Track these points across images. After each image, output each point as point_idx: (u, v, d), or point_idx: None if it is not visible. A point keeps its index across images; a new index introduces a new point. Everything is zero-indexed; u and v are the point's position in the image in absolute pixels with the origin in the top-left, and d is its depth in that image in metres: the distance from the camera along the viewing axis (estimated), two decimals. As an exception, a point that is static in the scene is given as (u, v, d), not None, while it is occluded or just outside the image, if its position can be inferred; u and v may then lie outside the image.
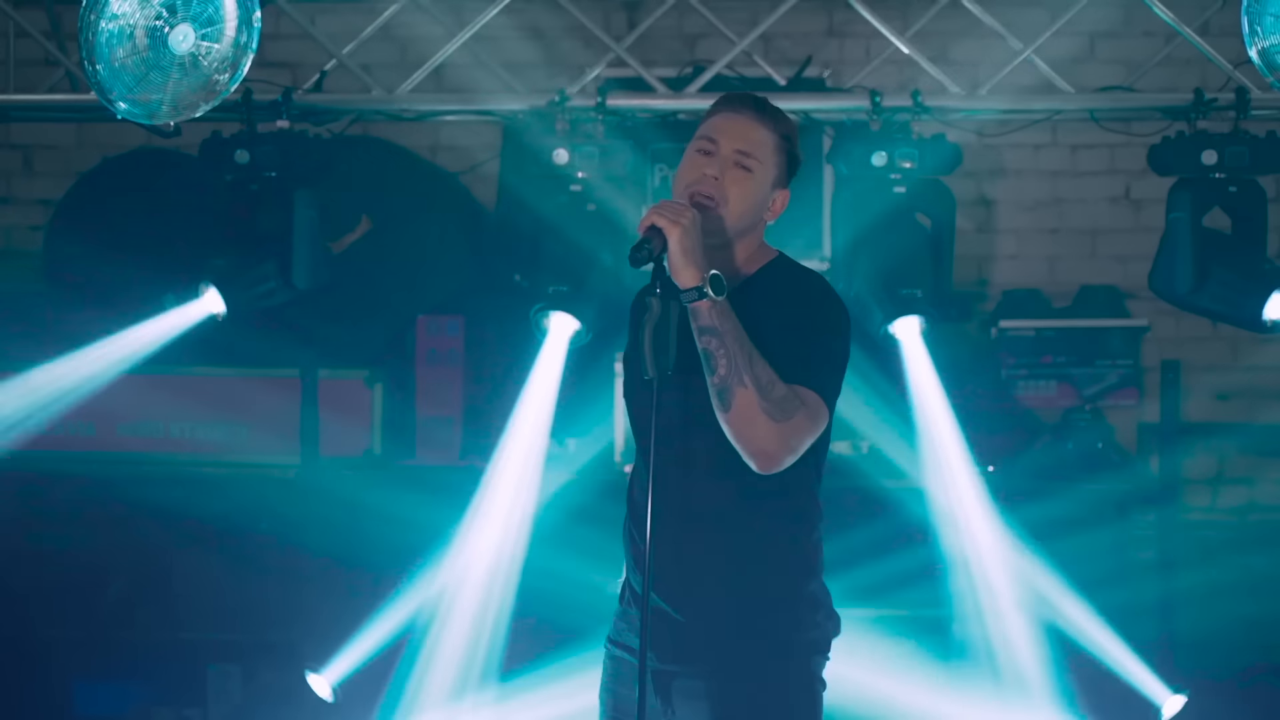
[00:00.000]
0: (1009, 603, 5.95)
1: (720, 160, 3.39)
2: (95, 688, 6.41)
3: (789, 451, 3.23)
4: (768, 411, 3.17)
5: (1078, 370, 6.54)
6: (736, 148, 3.40)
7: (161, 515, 6.23)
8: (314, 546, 6.03)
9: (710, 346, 3.18)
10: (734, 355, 3.17)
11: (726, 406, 3.18)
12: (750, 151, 3.40)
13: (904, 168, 5.49)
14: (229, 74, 4.45)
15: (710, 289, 3.19)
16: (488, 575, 5.82)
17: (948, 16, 5.66)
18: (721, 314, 3.19)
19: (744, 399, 3.16)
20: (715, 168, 3.38)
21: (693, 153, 3.42)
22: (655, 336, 3.18)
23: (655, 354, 3.18)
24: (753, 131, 3.42)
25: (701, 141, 3.42)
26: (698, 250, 3.22)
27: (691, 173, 3.39)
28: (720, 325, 3.18)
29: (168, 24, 4.38)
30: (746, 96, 3.49)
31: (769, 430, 3.18)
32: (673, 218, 3.22)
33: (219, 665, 6.39)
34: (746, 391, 3.16)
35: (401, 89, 5.62)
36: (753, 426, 3.18)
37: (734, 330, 3.18)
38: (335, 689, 5.88)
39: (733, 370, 3.16)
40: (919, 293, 5.58)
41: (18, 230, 7.16)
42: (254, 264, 5.52)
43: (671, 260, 3.21)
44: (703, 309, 3.19)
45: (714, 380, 3.18)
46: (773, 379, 3.19)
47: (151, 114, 4.47)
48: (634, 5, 6.77)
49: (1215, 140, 5.36)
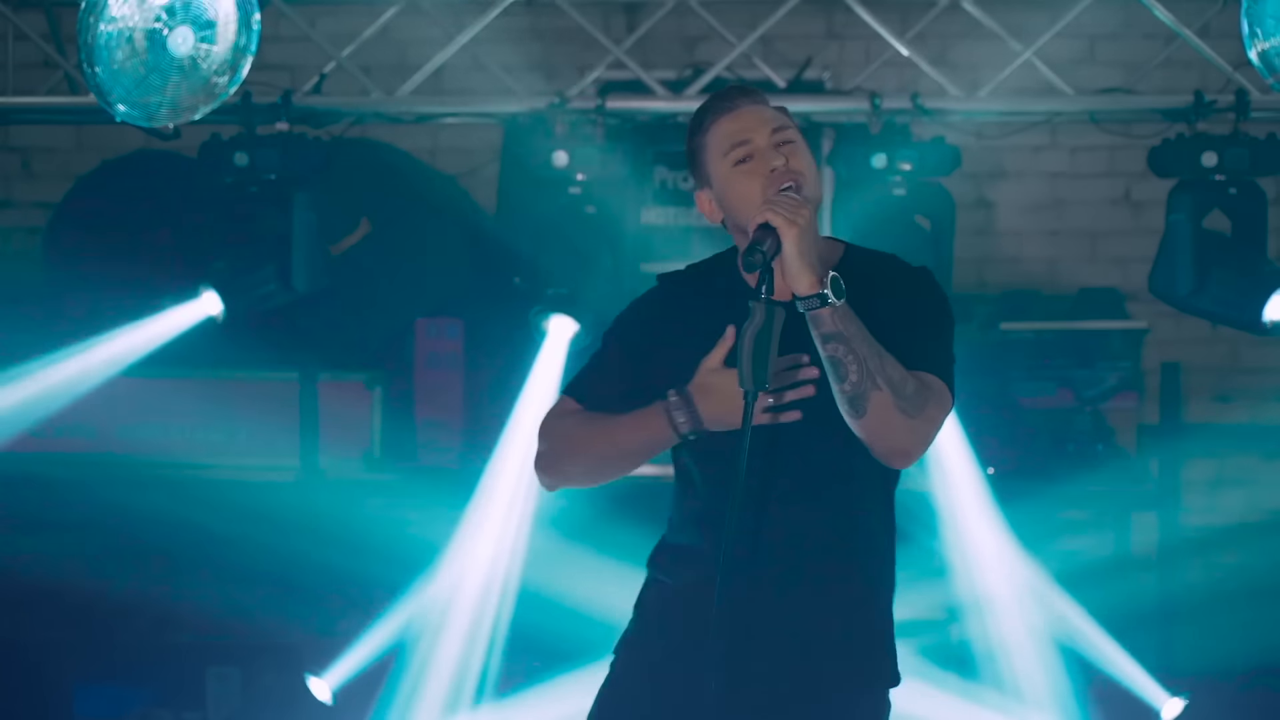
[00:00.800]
0: (1008, 605, 5.95)
1: (767, 152, 3.10)
2: (95, 690, 6.40)
3: (925, 445, 3.04)
4: (903, 410, 2.95)
5: (1077, 372, 6.53)
6: (770, 130, 3.12)
7: (161, 518, 6.23)
8: (314, 549, 6.03)
9: (838, 354, 2.93)
10: (865, 359, 2.92)
11: (861, 413, 2.95)
12: (781, 125, 3.14)
13: (903, 170, 5.49)
14: (228, 76, 4.45)
15: (832, 293, 2.92)
16: (487, 578, 5.82)
17: (947, 19, 5.66)
18: (845, 318, 2.92)
19: (880, 402, 2.94)
20: (777, 157, 3.09)
21: (737, 170, 3.11)
22: (756, 346, 2.89)
23: (755, 366, 2.89)
24: (764, 112, 3.18)
25: (736, 151, 3.11)
26: (814, 251, 2.95)
27: (754, 179, 3.08)
28: (846, 330, 2.92)
29: (167, 26, 4.37)
30: (731, 93, 3.20)
31: (906, 429, 2.97)
32: (790, 215, 2.94)
33: (218, 668, 6.38)
34: (882, 394, 2.93)
35: (401, 91, 5.62)
36: (890, 428, 2.97)
37: (860, 332, 2.93)
38: (335, 692, 5.88)
39: (865, 375, 2.93)
40: (919, 295, 5.58)
41: (17, 233, 7.16)
42: (253, 266, 5.52)
43: (788, 264, 2.92)
44: (825, 315, 2.92)
45: (844, 388, 2.94)
46: (904, 375, 2.96)
47: (150, 116, 4.47)
48: (634, 8, 6.76)
49: (1215, 142, 5.36)
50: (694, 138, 3.19)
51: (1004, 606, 5.96)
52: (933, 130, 5.66)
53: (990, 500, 5.95)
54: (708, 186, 3.17)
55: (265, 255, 5.50)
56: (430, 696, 5.82)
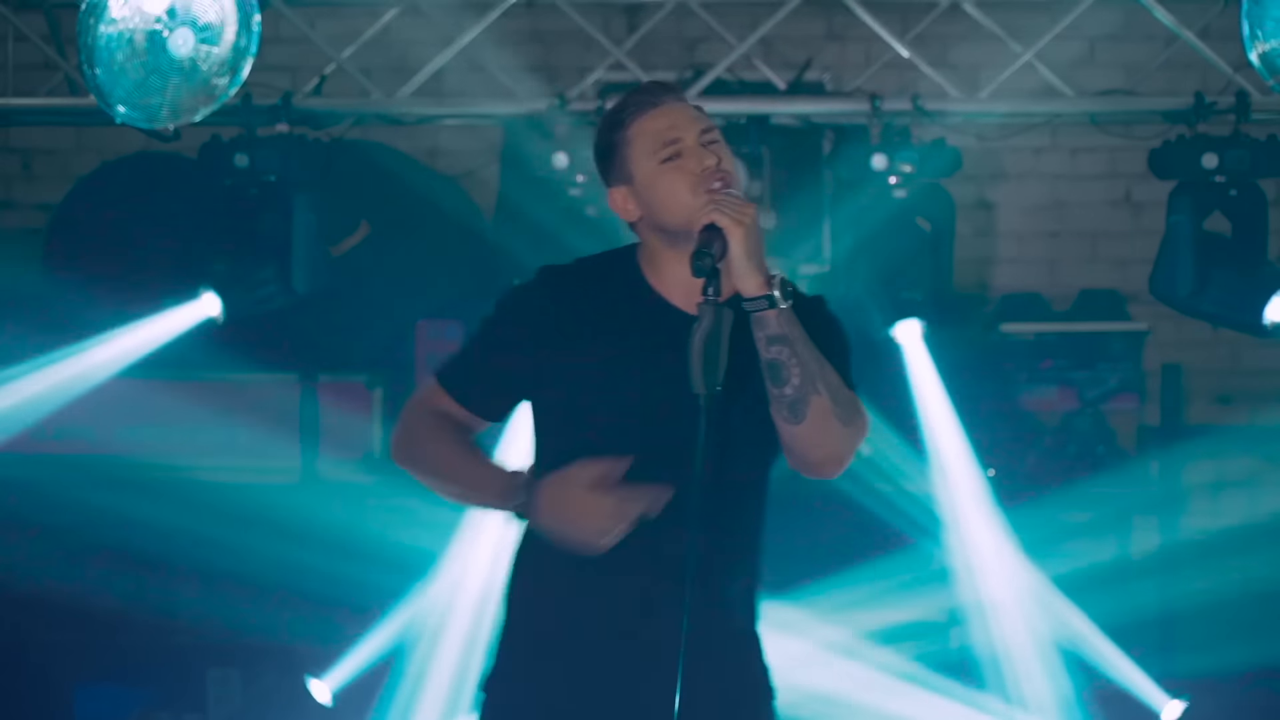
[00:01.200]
0: (1009, 608, 5.95)
1: (697, 150, 3.01)
2: (96, 692, 6.41)
3: (854, 453, 2.99)
4: (840, 417, 2.91)
5: (1078, 374, 6.54)
6: (699, 130, 3.03)
7: (161, 519, 6.22)
8: (314, 550, 6.03)
9: (782, 357, 2.88)
10: (806, 363, 2.88)
11: (800, 418, 2.90)
12: (708, 126, 3.05)
13: (904, 171, 5.49)
14: (228, 78, 4.45)
15: (780, 294, 2.88)
16: (486, 580, 5.81)
17: (948, 20, 5.66)
18: (790, 320, 2.88)
19: (819, 408, 2.89)
20: (708, 157, 3.01)
21: (665, 168, 3.02)
22: (707, 349, 2.82)
23: (706, 369, 2.82)
24: (690, 110, 3.07)
25: (664, 149, 3.02)
26: (760, 251, 2.89)
27: (685, 177, 3.00)
28: (791, 333, 2.88)
29: (167, 28, 4.37)
30: (655, 89, 3.10)
31: (842, 435, 2.93)
32: (736, 215, 2.87)
33: (219, 670, 6.38)
34: (821, 400, 2.89)
35: (401, 93, 5.62)
36: (827, 434, 2.92)
37: (803, 336, 2.89)
38: (335, 694, 5.88)
39: (807, 379, 2.88)
40: (919, 296, 5.59)
41: (17, 234, 7.16)
42: (253, 268, 5.52)
43: (735, 265, 2.86)
44: (771, 317, 2.87)
45: (785, 391, 2.89)
46: (840, 383, 2.93)
47: (151, 118, 4.47)
48: (634, 9, 6.76)
49: (1216, 144, 5.36)
50: (612, 133, 3.08)
51: (1005, 610, 5.96)
52: (933, 132, 5.65)
53: (991, 502, 5.95)
54: (625, 184, 3.06)
55: (265, 257, 5.50)
56: (429, 699, 5.82)
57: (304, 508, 6.08)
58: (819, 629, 5.87)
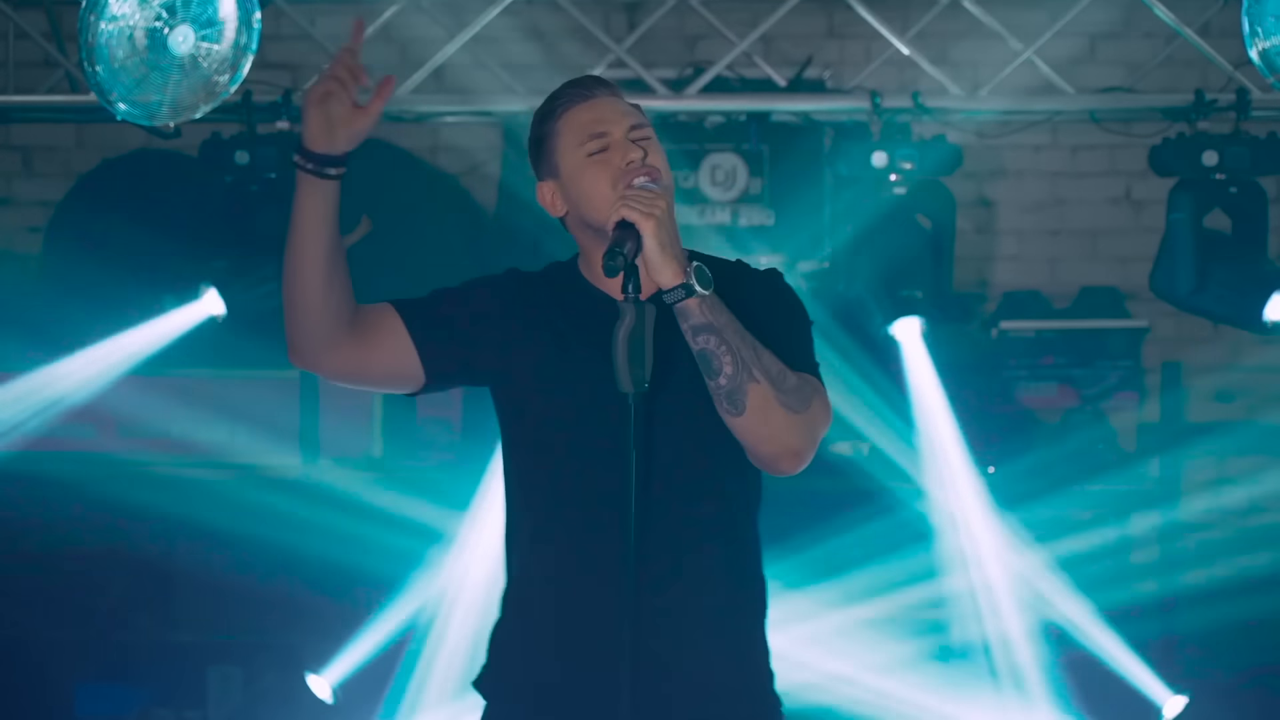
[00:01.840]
0: (1009, 603, 5.95)
1: (624, 144, 2.96)
2: (96, 689, 6.41)
3: (813, 444, 2.87)
4: (786, 404, 2.81)
5: (1078, 371, 6.53)
6: (628, 126, 2.98)
7: (162, 517, 6.23)
8: (314, 548, 6.03)
9: (710, 346, 2.79)
10: (738, 349, 2.79)
11: (740, 408, 2.81)
12: (639, 122, 3.00)
13: (904, 169, 5.48)
14: (229, 75, 4.45)
15: (698, 283, 2.80)
16: (487, 577, 5.82)
17: (948, 17, 5.66)
18: (714, 307, 2.79)
19: (758, 395, 2.80)
20: (634, 151, 2.95)
21: (590, 161, 2.97)
22: (632, 347, 2.76)
23: (633, 367, 2.76)
24: (621, 104, 3.01)
25: (591, 143, 2.97)
26: (676, 241, 2.81)
27: (609, 171, 2.94)
28: (716, 320, 2.79)
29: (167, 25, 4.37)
30: (587, 81, 3.05)
31: (791, 425, 2.83)
32: (645, 209, 2.79)
33: (219, 667, 6.38)
34: (760, 387, 2.80)
35: (401, 90, 5.62)
36: (772, 425, 2.82)
37: (731, 323, 2.80)
38: (335, 690, 5.88)
39: (740, 367, 2.79)
40: (919, 294, 5.58)
41: (17, 232, 7.16)
42: (254, 265, 5.52)
43: (649, 257, 2.79)
44: (693, 307, 2.79)
45: (720, 382, 2.80)
46: (782, 368, 2.82)
47: (151, 115, 4.47)
48: (634, 6, 6.76)
49: (1216, 141, 5.36)
50: (543, 124, 3.03)
51: (1004, 606, 5.96)
52: (933, 129, 5.66)
53: (990, 499, 5.96)
54: (553, 178, 3.02)
55: (266, 254, 5.49)
56: (431, 695, 5.83)
57: (304, 506, 6.08)
58: (817, 618, 5.88)
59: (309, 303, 3.02)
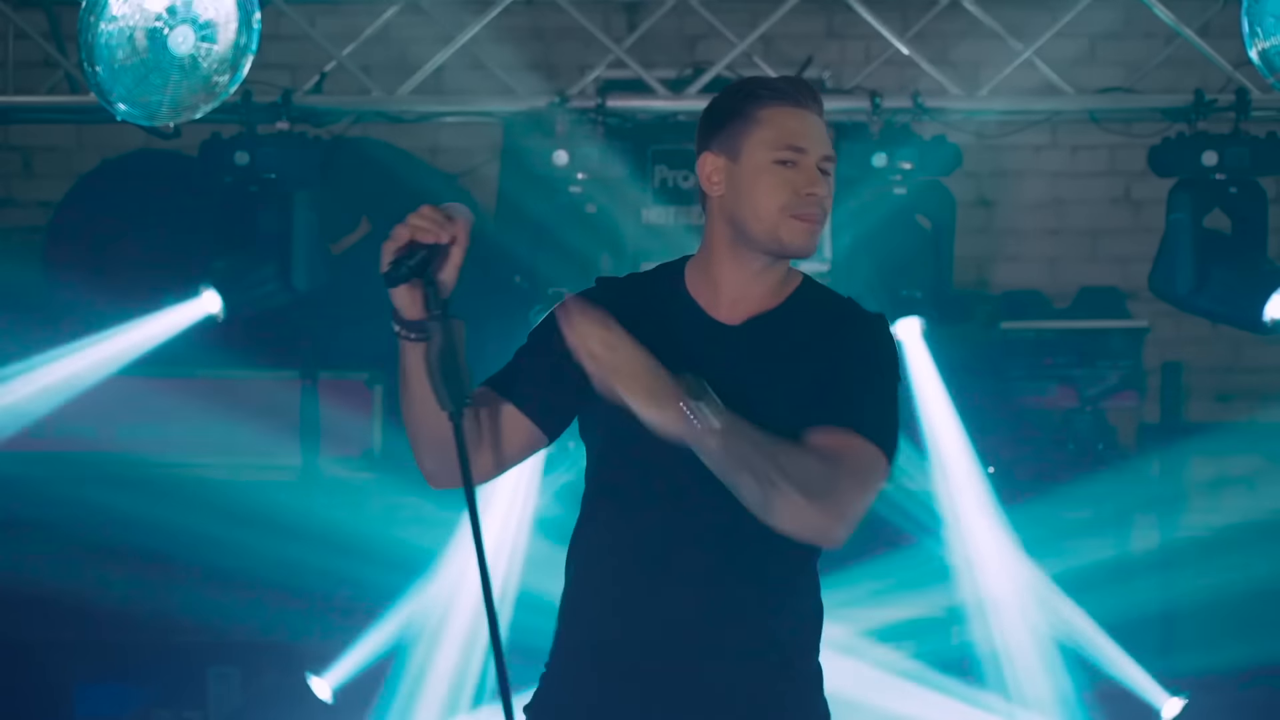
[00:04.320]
0: (1009, 605, 5.95)
1: (813, 171, 2.86)
2: (95, 690, 6.40)
3: (850, 520, 2.74)
4: (811, 497, 2.67)
5: (1078, 371, 6.53)
6: (824, 154, 2.88)
7: (161, 517, 6.22)
8: (314, 548, 6.03)
9: (730, 472, 2.67)
10: (757, 469, 2.65)
11: (769, 514, 2.68)
12: (831, 155, 2.89)
13: (904, 169, 5.49)
14: (228, 75, 4.46)
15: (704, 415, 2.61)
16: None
17: (948, 18, 5.66)
18: (728, 433, 2.63)
19: (786, 500, 2.67)
20: (820, 186, 2.85)
21: (776, 168, 2.85)
22: (444, 366, 2.68)
23: (449, 387, 2.69)
24: (824, 128, 2.90)
25: (786, 152, 2.85)
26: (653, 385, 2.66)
27: (788, 189, 2.85)
28: (730, 447, 2.64)
29: (167, 25, 4.38)
30: (801, 86, 2.91)
31: (818, 513, 2.69)
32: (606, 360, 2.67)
33: (219, 667, 6.38)
34: (784, 493, 2.66)
35: (401, 91, 5.62)
36: (802, 519, 2.69)
37: (746, 441, 2.65)
38: (335, 691, 5.88)
39: (764, 483, 2.66)
40: (919, 294, 5.59)
41: (18, 232, 7.16)
42: (254, 266, 5.52)
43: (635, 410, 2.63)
44: (706, 442, 2.63)
45: (744, 497, 2.68)
46: (804, 463, 2.69)
47: (151, 115, 4.47)
48: (634, 7, 6.76)
49: (1216, 141, 5.36)
50: (743, 103, 2.91)
51: (1005, 607, 5.96)
52: (933, 129, 5.65)
53: (991, 500, 5.95)
54: (727, 157, 2.90)
55: (265, 254, 5.50)
56: (429, 698, 5.82)
57: (304, 505, 6.08)
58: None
59: (442, 439, 2.87)
